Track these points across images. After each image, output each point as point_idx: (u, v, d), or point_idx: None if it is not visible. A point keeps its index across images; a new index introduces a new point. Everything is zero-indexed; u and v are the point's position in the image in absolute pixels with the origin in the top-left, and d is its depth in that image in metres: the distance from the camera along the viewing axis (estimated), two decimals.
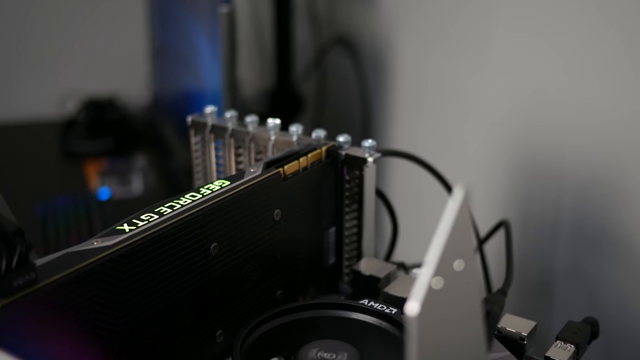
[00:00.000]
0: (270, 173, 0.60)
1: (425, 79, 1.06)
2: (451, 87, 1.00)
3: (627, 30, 0.74)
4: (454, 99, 1.01)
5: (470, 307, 0.39)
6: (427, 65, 1.05)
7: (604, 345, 0.77)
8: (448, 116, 1.03)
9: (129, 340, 0.51)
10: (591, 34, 0.78)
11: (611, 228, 0.80)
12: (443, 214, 0.37)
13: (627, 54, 0.75)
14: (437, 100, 1.04)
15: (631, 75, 0.75)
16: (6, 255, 0.46)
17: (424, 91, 1.07)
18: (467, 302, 0.39)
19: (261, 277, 0.61)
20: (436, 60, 1.03)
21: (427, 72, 1.05)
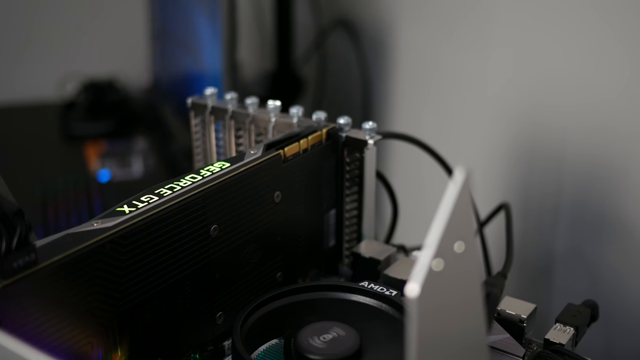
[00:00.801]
0: (271, 155, 0.60)
1: (426, 62, 1.06)
2: (452, 70, 1.00)
3: (629, 13, 0.74)
4: (455, 82, 1.00)
5: (470, 289, 0.39)
6: (428, 47, 1.05)
7: (603, 327, 0.78)
8: (449, 99, 1.02)
9: (129, 321, 0.51)
10: (594, 17, 0.77)
11: (611, 211, 0.80)
12: (444, 196, 0.36)
13: (631, 36, 0.74)
14: (438, 82, 1.04)
15: (633, 58, 0.75)
16: (6, 236, 0.46)
17: (424, 74, 1.07)
18: (467, 284, 0.39)
19: (261, 259, 0.61)
20: (437, 42, 1.03)
21: (428, 55, 1.05)
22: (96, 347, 0.49)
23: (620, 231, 0.80)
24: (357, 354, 0.52)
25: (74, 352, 0.48)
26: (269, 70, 1.34)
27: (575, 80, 0.81)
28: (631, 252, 0.80)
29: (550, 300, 0.88)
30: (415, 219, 0.86)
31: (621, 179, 0.79)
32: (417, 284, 0.35)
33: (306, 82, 1.32)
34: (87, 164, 1.32)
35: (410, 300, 0.35)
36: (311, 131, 0.64)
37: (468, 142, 1.00)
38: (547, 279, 0.89)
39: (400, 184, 0.80)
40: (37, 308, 0.45)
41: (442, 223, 0.36)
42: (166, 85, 1.44)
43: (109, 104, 1.48)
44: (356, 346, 0.52)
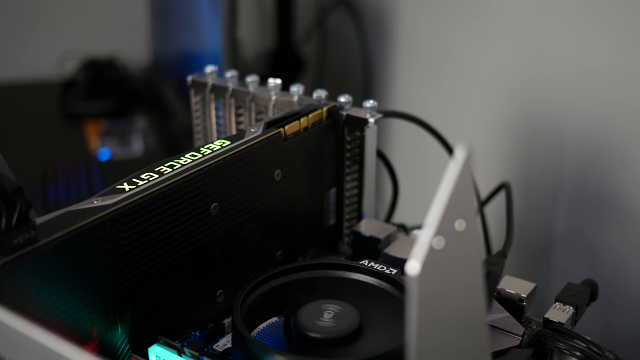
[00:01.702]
0: (271, 133, 0.60)
1: (427, 41, 1.05)
2: (453, 49, 1.00)
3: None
4: (456, 61, 1.00)
5: (471, 268, 0.39)
6: (429, 26, 1.04)
7: (602, 307, 0.78)
8: (449, 78, 1.02)
9: (129, 299, 0.51)
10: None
11: (612, 191, 0.80)
12: (445, 174, 0.36)
13: (630, 16, 0.74)
14: (439, 62, 1.03)
15: (633, 38, 0.74)
16: (6, 214, 0.45)
17: (425, 52, 1.06)
18: (468, 263, 0.39)
19: (261, 238, 0.61)
20: (438, 22, 1.02)
21: (429, 34, 1.04)
22: (96, 324, 0.50)
23: (620, 210, 0.80)
24: (357, 332, 0.52)
25: (74, 329, 0.48)
26: (270, 49, 1.33)
27: (575, 60, 0.81)
28: (631, 230, 0.80)
29: (550, 279, 0.89)
30: (416, 198, 0.86)
31: (621, 159, 0.79)
32: (417, 262, 0.35)
33: (307, 60, 1.32)
34: (87, 142, 1.32)
35: (410, 278, 0.35)
36: (312, 109, 0.64)
37: (468, 121, 0.99)
38: (547, 258, 0.89)
39: (400, 163, 0.79)
40: (37, 285, 0.45)
41: (443, 201, 0.36)
42: (166, 63, 1.44)
43: (108, 82, 1.48)
44: (356, 324, 0.52)
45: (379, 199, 0.89)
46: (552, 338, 0.55)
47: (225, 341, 0.57)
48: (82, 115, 1.42)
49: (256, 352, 0.49)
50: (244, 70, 0.77)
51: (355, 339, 0.51)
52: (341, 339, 0.51)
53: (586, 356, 0.53)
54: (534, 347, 0.55)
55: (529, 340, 0.56)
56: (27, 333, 0.36)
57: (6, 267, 0.43)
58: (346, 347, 0.51)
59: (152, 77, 1.51)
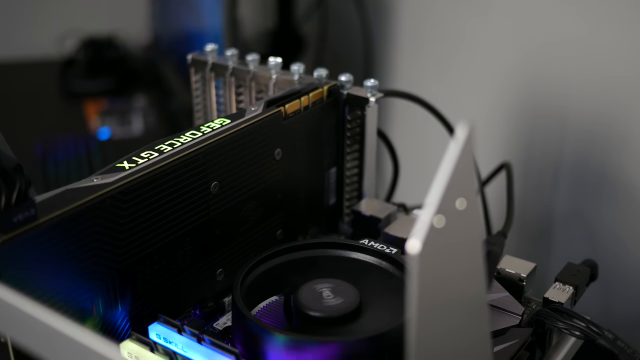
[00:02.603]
0: (272, 112, 0.60)
1: (428, 21, 1.05)
2: (455, 30, 0.99)
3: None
4: (457, 41, 0.99)
5: (471, 247, 0.39)
6: (430, 5, 1.04)
7: (602, 287, 0.78)
8: (451, 58, 1.02)
9: (130, 277, 0.51)
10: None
11: (612, 172, 0.80)
12: (446, 152, 0.36)
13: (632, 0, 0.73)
14: (440, 41, 1.03)
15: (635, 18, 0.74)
16: (5, 191, 0.45)
17: (427, 32, 1.06)
18: (468, 242, 0.39)
19: (261, 217, 0.61)
20: (440, 1, 1.02)
21: (431, 14, 1.04)
22: (96, 302, 0.50)
23: (620, 191, 0.80)
24: (356, 311, 0.52)
25: (74, 306, 0.48)
26: (270, 28, 1.33)
27: (577, 40, 0.81)
28: (631, 211, 0.80)
29: (550, 259, 0.89)
30: (416, 178, 0.86)
31: (621, 140, 0.78)
32: (418, 241, 0.35)
33: (307, 39, 1.31)
34: (87, 121, 1.31)
35: (411, 256, 0.35)
36: (312, 88, 0.64)
37: (469, 101, 0.99)
38: (546, 238, 0.89)
39: (401, 143, 0.79)
40: (37, 263, 0.45)
41: (444, 180, 0.35)
42: (166, 42, 1.43)
43: (108, 61, 1.47)
44: (356, 303, 0.52)
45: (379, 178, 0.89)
46: (552, 317, 0.55)
47: (225, 319, 0.57)
48: (82, 94, 1.42)
49: (256, 331, 0.49)
50: (244, 50, 0.76)
51: (355, 317, 0.51)
52: (341, 317, 0.51)
53: (585, 335, 0.54)
54: (534, 327, 0.55)
55: (528, 320, 0.56)
56: (27, 311, 0.36)
57: (6, 244, 0.43)
58: (346, 325, 0.51)
59: (152, 56, 1.51)
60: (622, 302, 0.84)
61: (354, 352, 0.47)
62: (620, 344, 0.53)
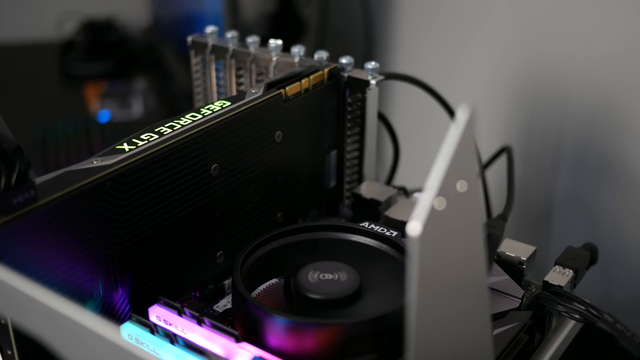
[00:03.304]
0: (272, 94, 0.59)
1: (429, 3, 1.04)
2: (456, 11, 0.99)
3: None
4: (458, 24, 0.99)
5: (472, 229, 0.39)
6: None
7: (602, 270, 0.78)
8: (452, 40, 1.01)
9: (130, 259, 0.51)
10: None
11: (613, 155, 0.80)
12: (447, 134, 0.36)
13: None
14: (441, 24, 1.02)
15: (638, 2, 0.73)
16: (5, 173, 0.45)
17: (428, 14, 1.05)
18: (469, 224, 0.38)
19: (262, 199, 0.61)
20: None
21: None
22: (97, 284, 0.50)
23: (620, 175, 0.80)
24: (356, 294, 0.52)
25: (74, 288, 0.48)
26: (270, 10, 1.32)
27: (579, 22, 0.80)
28: (631, 195, 0.80)
29: (550, 243, 0.89)
30: (417, 161, 0.86)
31: (622, 123, 0.78)
32: (419, 223, 0.35)
33: (308, 22, 1.31)
34: (86, 104, 1.31)
35: (411, 238, 0.35)
36: (313, 71, 0.64)
37: (470, 84, 0.99)
38: (547, 222, 0.89)
39: (401, 126, 0.79)
40: (37, 245, 0.45)
41: (445, 161, 0.35)
42: (166, 24, 1.43)
43: (108, 44, 1.47)
44: (356, 286, 0.52)
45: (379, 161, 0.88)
46: (551, 301, 0.55)
47: (225, 302, 0.57)
48: (81, 76, 1.41)
49: (256, 313, 0.49)
50: (245, 32, 0.76)
51: (355, 300, 0.52)
52: (341, 300, 0.51)
53: (585, 318, 0.54)
54: (533, 310, 0.55)
55: (528, 303, 0.56)
56: (28, 292, 0.36)
57: (6, 226, 0.43)
58: (346, 308, 0.51)
59: (152, 38, 1.50)
60: (621, 286, 0.84)
61: (354, 334, 0.48)
62: (619, 327, 0.53)
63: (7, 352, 0.47)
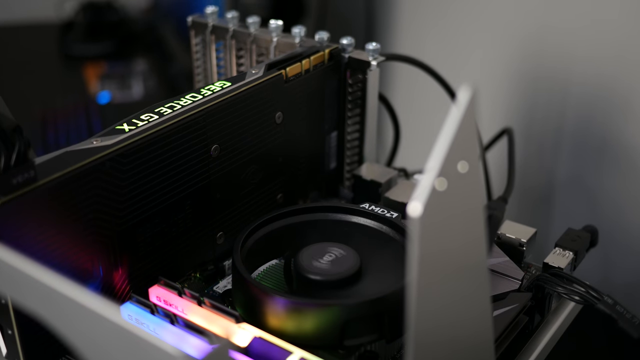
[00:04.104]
0: (272, 75, 0.59)
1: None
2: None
3: None
4: (460, 5, 0.98)
5: (473, 210, 0.39)
6: None
7: (602, 253, 0.78)
8: (453, 22, 1.01)
9: (130, 240, 0.51)
10: None
11: (614, 138, 0.80)
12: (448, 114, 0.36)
13: None
14: (443, 5, 1.02)
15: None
16: (5, 153, 0.45)
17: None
18: (469, 205, 0.38)
19: (262, 180, 0.61)
20: None
21: None
22: (97, 265, 0.50)
23: (621, 157, 0.80)
24: (357, 275, 0.52)
25: (74, 269, 0.48)
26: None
27: (582, 3, 0.80)
28: (632, 177, 0.80)
29: (551, 225, 0.89)
30: (417, 143, 0.86)
31: (624, 105, 0.78)
32: (419, 203, 0.35)
33: (308, 2, 1.30)
34: (86, 85, 1.31)
35: (412, 219, 0.35)
36: (313, 51, 0.63)
37: (471, 66, 0.98)
38: (547, 204, 0.89)
39: (402, 108, 0.79)
40: (37, 225, 0.45)
41: (446, 142, 0.35)
42: (166, 4, 1.42)
43: (108, 25, 1.46)
44: (356, 267, 0.52)
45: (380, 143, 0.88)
46: (551, 282, 0.55)
47: (225, 283, 0.57)
48: (81, 57, 1.41)
49: (256, 294, 0.49)
50: (245, 13, 0.75)
51: (355, 281, 0.52)
52: (341, 281, 0.51)
53: (585, 300, 0.54)
54: (533, 291, 0.55)
55: (528, 285, 0.56)
56: (28, 272, 0.36)
57: (5, 206, 0.43)
58: (346, 289, 0.51)
59: (151, 18, 1.50)
60: (621, 268, 0.84)
61: (354, 315, 0.48)
62: (619, 309, 0.53)
63: (8, 332, 0.47)
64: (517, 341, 0.54)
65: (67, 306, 0.35)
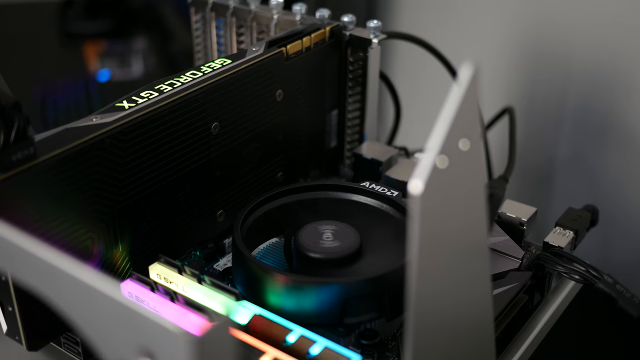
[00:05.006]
0: (273, 52, 0.59)
1: None
2: None
3: None
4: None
5: (474, 189, 0.39)
6: None
7: (602, 232, 0.78)
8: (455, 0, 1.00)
9: (130, 218, 0.51)
10: None
11: (616, 116, 0.79)
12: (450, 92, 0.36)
13: None
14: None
15: None
16: (4, 130, 0.45)
17: None
18: (471, 183, 0.38)
19: (262, 158, 0.61)
20: None
21: None
22: (97, 243, 0.50)
23: (622, 137, 0.80)
24: (357, 253, 0.52)
25: (74, 247, 0.48)
26: None
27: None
28: (633, 157, 0.79)
29: (551, 204, 0.89)
30: (418, 122, 0.85)
31: (626, 84, 0.78)
32: (420, 181, 0.35)
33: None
34: (86, 63, 1.30)
35: (413, 197, 0.35)
36: (314, 29, 0.63)
37: (473, 44, 0.98)
38: (548, 183, 0.89)
39: (403, 86, 0.78)
40: (37, 202, 0.45)
41: (448, 119, 0.35)
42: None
43: (107, 3, 1.45)
44: (356, 245, 0.52)
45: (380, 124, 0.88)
46: (551, 261, 0.55)
47: (225, 261, 0.57)
48: (81, 35, 1.40)
49: (256, 272, 0.49)
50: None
51: (355, 259, 0.52)
52: (341, 259, 0.51)
53: (584, 279, 0.54)
54: (533, 270, 0.55)
55: (528, 264, 0.56)
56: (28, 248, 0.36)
57: (5, 183, 0.43)
58: (346, 267, 0.51)
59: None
60: (621, 248, 0.84)
61: (354, 293, 0.48)
62: (619, 288, 0.53)
63: (8, 309, 0.47)
64: (517, 320, 0.54)
65: (67, 283, 0.35)
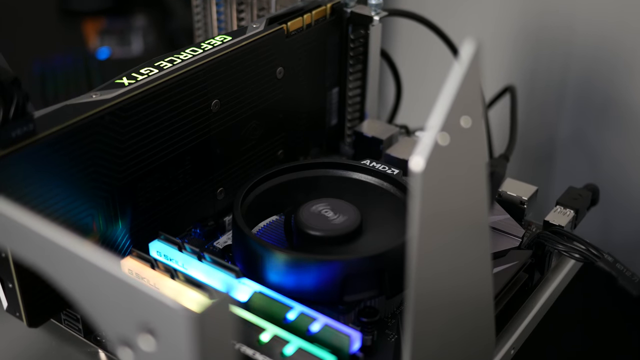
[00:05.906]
0: (273, 29, 0.58)
1: None
2: None
3: None
4: None
5: (475, 166, 0.38)
6: None
7: (602, 211, 0.78)
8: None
9: (130, 195, 0.51)
10: None
11: (617, 95, 0.79)
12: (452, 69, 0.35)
13: None
14: None
15: None
16: (3, 105, 0.45)
17: None
18: (472, 161, 0.38)
19: (262, 136, 0.61)
20: None
21: None
22: (97, 219, 0.50)
23: (624, 116, 0.79)
24: (357, 231, 0.52)
25: (74, 223, 0.48)
26: None
27: None
28: (635, 138, 0.79)
29: (552, 183, 0.89)
30: (419, 100, 0.85)
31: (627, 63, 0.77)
32: (422, 158, 0.34)
33: None
34: (85, 41, 1.29)
35: (414, 174, 0.35)
36: (315, 6, 0.63)
37: (474, 22, 0.97)
38: (549, 162, 0.89)
39: (404, 64, 0.78)
40: (36, 178, 0.45)
41: (450, 96, 0.35)
42: None
43: None
44: (357, 223, 0.52)
45: (381, 102, 0.88)
46: (552, 240, 0.55)
47: (225, 238, 0.57)
48: (80, 12, 1.39)
49: (256, 249, 0.49)
50: None
51: (355, 237, 0.52)
52: (341, 237, 0.51)
53: (585, 258, 0.54)
54: (533, 249, 0.55)
55: (528, 242, 0.56)
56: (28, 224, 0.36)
57: (5, 159, 0.43)
58: (346, 245, 0.51)
59: None
60: (622, 227, 0.84)
61: (354, 270, 0.48)
62: (619, 267, 0.53)
63: (9, 285, 0.47)
64: (517, 298, 0.54)
65: (67, 259, 0.35)
